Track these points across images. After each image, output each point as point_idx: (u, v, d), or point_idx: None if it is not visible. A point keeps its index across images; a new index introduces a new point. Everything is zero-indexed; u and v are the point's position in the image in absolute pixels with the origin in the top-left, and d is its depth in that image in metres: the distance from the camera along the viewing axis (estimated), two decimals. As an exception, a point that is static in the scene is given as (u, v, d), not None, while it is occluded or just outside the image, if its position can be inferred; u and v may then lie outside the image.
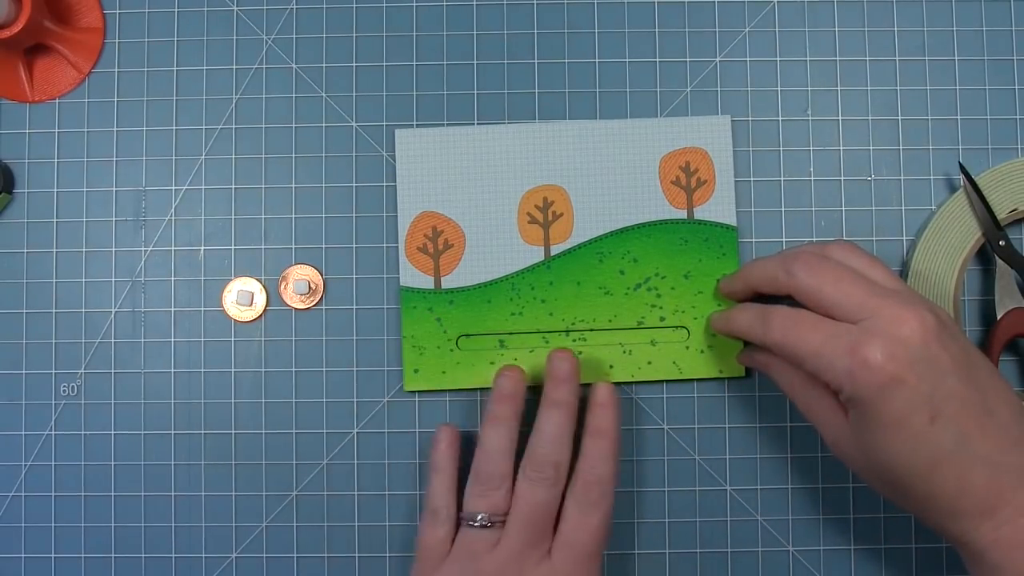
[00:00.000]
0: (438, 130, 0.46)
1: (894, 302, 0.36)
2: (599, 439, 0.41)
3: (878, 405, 0.35)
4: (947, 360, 0.35)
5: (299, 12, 0.47)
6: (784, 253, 0.40)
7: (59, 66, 0.46)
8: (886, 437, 0.35)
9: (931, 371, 0.35)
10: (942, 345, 0.35)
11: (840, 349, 0.36)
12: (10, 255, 0.46)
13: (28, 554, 0.45)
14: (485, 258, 0.45)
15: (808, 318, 0.37)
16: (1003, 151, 0.46)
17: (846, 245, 0.39)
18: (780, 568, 0.45)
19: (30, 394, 0.46)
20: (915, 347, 0.35)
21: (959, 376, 0.35)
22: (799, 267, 0.38)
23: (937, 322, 0.35)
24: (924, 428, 0.35)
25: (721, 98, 0.46)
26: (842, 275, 0.37)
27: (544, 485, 0.40)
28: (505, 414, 0.42)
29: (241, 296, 0.45)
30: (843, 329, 0.36)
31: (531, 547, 0.39)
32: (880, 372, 0.34)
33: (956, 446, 0.35)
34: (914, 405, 0.34)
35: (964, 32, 0.46)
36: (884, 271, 0.38)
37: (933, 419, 0.35)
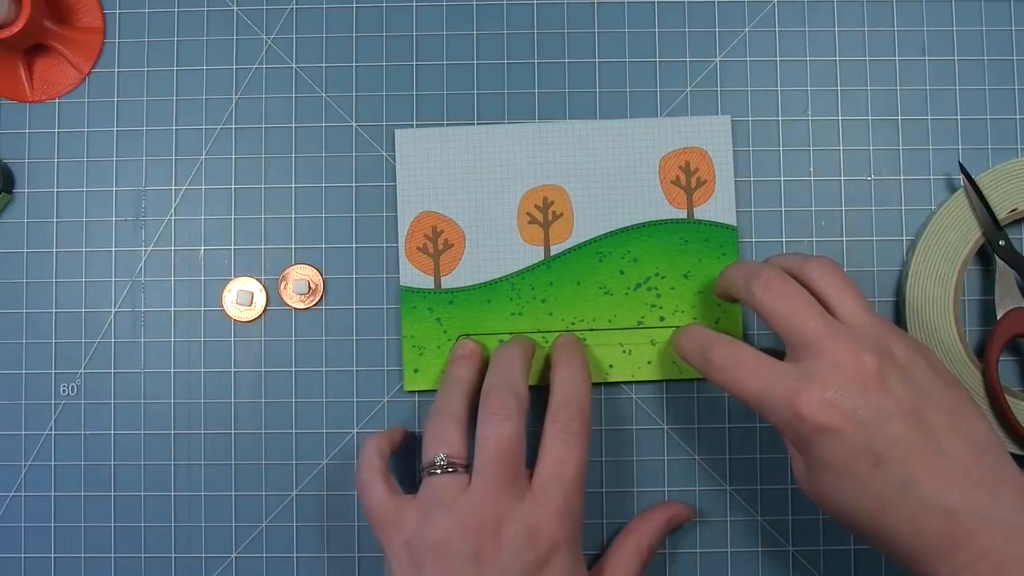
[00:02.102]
0: (438, 130, 0.46)
1: (842, 343, 0.35)
2: (569, 367, 0.40)
3: (819, 452, 0.34)
4: (891, 405, 0.34)
5: (299, 12, 0.47)
6: (753, 266, 0.39)
7: (59, 66, 0.46)
8: (832, 481, 0.35)
9: (872, 418, 0.34)
10: (886, 390, 0.34)
11: (777, 398, 0.35)
12: (10, 255, 0.46)
13: (28, 554, 0.45)
14: (485, 258, 0.45)
15: (748, 359, 0.37)
16: (1003, 151, 0.46)
17: (825, 265, 0.38)
18: (780, 568, 0.45)
19: (30, 394, 0.46)
20: (853, 396, 0.34)
21: (906, 420, 0.34)
22: (757, 287, 0.37)
23: (880, 365, 0.34)
24: (867, 474, 0.34)
25: (721, 98, 0.46)
26: (797, 305, 0.36)
27: (508, 417, 0.38)
28: (459, 375, 0.41)
29: (241, 296, 0.45)
30: (782, 374, 0.35)
31: (506, 485, 0.37)
32: (815, 422, 0.34)
33: (904, 491, 0.34)
34: (853, 453, 0.34)
35: (964, 32, 0.46)
36: (853, 299, 0.37)
37: (876, 464, 0.34)
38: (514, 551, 0.36)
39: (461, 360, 0.43)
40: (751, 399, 0.36)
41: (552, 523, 0.37)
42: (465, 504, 0.37)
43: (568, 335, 0.44)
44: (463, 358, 0.43)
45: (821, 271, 0.38)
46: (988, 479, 0.34)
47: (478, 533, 0.36)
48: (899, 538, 0.34)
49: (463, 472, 0.38)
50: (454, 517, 0.37)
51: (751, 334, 0.45)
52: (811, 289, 0.37)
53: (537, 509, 0.37)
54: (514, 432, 0.38)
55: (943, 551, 0.33)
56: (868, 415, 0.34)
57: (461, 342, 0.44)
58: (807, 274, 0.38)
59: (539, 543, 0.37)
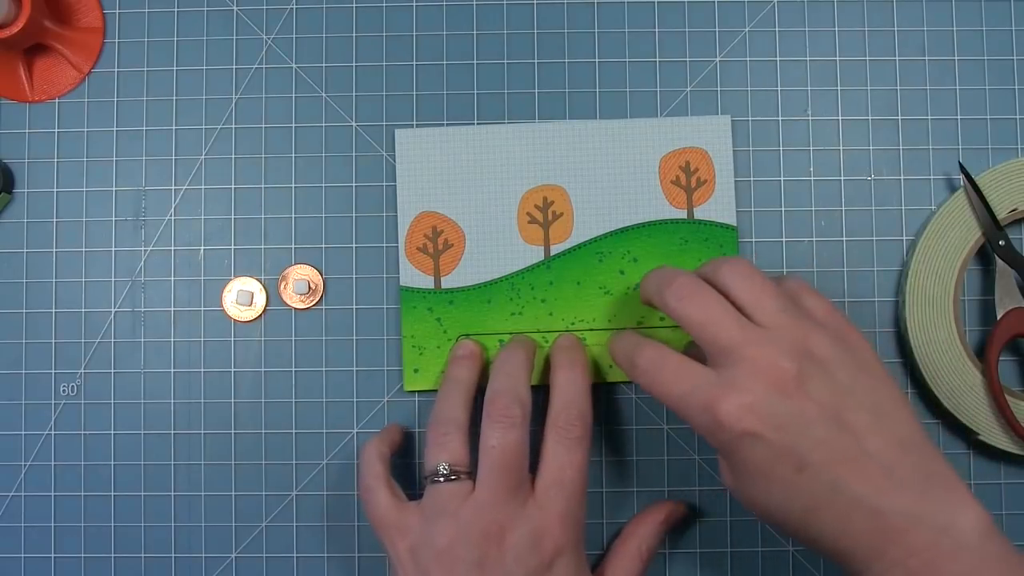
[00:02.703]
0: (438, 130, 0.46)
1: (758, 349, 0.35)
2: (569, 370, 0.40)
3: (741, 457, 0.34)
4: (811, 408, 0.34)
5: (299, 12, 0.47)
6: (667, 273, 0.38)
7: (59, 66, 0.46)
8: (757, 485, 0.35)
9: (792, 423, 0.34)
10: (805, 394, 0.34)
11: (697, 405, 0.35)
12: (10, 255, 0.46)
13: (28, 554, 0.45)
14: (485, 258, 0.45)
15: (671, 363, 0.37)
16: (1003, 151, 0.46)
17: (738, 266, 0.37)
18: (780, 568, 0.45)
19: (30, 394, 0.46)
20: (772, 401, 0.34)
21: (826, 423, 0.34)
22: (670, 295, 0.37)
23: (799, 369, 0.34)
24: (791, 478, 0.34)
25: (721, 98, 0.46)
26: (712, 312, 0.36)
27: (512, 425, 0.38)
28: (459, 376, 0.41)
29: (241, 296, 0.45)
30: (703, 380, 0.35)
31: (510, 492, 0.37)
32: (734, 429, 0.34)
33: (831, 491, 0.33)
34: (776, 457, 0.34)
35: (964, 32, 0.46)
36: (770, 299, 0.36)
37: (800, 469, 0.34)
38: (518, 557, 0.37)
39: (461, 361, 0.43)
40: (673, 403, 0.36)
41: (555, 528, 0.37)
42: (469, 512, 0.37)
43: (568, 336, 0.44)
44: (463, 359, 0.43)
45: (734, 273, 0.37)
46: (915, 477, 0.34)
47: (482, 540, 0.37)
48: (828, 538, 0.34)
49: (466, 479, 0.38)
50: (458, 525, 0.37)
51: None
52: (726, 293, 0.37)
53: (540, 514, 0.37)
54: (518, 440, 0.38)
55: (874, 549, 0.33)
56: (788, 420, 0.34)
57: (461, 342, 0.44)
58: (720, 278, 0.37)
59: (543, 548, 0.37)
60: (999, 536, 0.33)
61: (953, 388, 0.44)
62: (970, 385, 0.44)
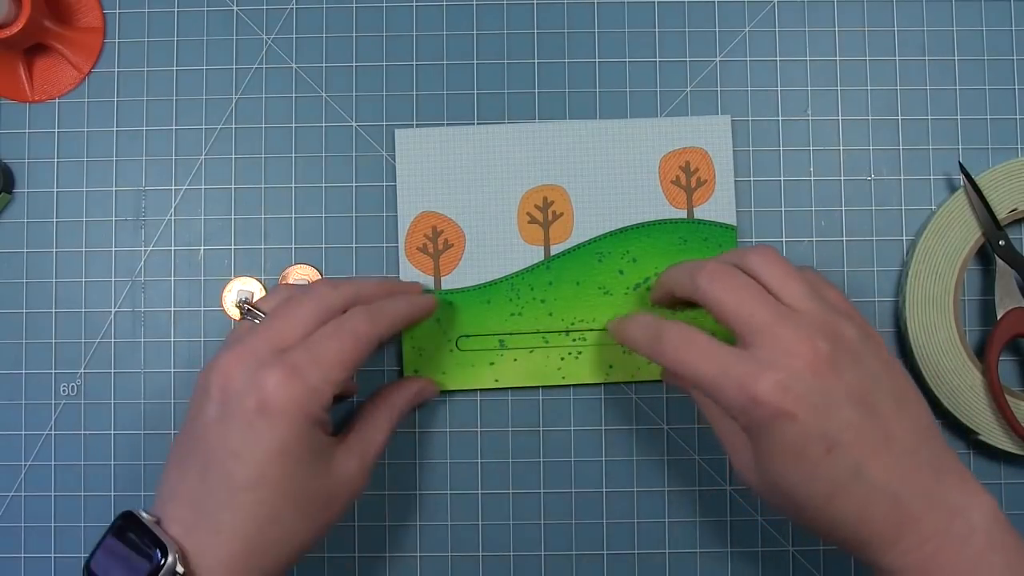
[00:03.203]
0: (438, 130, 0.46)
1: (792, 329, 0.35)
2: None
3: (772, 438, 0.34)
4: (842, 390, 0.34)
5: (299, 12, 0.47)
6: (696, 261, 0.39)
7: (59, 66, 0.46)
8: (784, 467, 0.35)
9: (825, 403, 0.34)
10: (838, 375, 0.34)
11: (731, 384, 0.35)
12: (10, 255, 0.46)
13: (28, 554, 0.45)
14: (485, 258, 0.45)
15: (700, 342, 0.36)
16: (1003, 151, 0.46)
17: (766, 253, 0.38)
18: (780, 568, 0.45)
19: (30, 394, 0.46)
20: (807, 380, 0.34)
21: (855, 406, 0.34)
22: (703, 278, 0.37)
23: (833, 350, 0.34)
24: (820, 459, 0.34)
25: (721, 98, 0.46)
26: (744, 293, 0.36)
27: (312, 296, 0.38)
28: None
29: (241, 296, 0.45)
30: (735, 359, 0.35)
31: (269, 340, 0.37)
32: (770, 408, 0.34)
33: (854, 476, 0.34)
34: (808, 438, 0.34)
35: (964, 32, 0.46)
36: (798, 286, 0.36)
37: (829, 450, 0.34)
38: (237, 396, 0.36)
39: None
40: (704, 382, 0.36)
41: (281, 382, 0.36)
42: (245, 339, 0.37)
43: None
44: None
45: (762, 260, 0.37)
46: (932, 463, 0.35)
47: (217, 371, 0.36)
48: (847, 524, 0.34)
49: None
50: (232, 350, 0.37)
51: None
52: (754, 278, 0.37)
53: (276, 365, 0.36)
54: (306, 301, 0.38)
55: (890, 535, 0.34)
56: (822, 400, 0.34)
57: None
58: (748, 265, 0.38)
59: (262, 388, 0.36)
60: (1007, 523, 0.34)
61: (953, 388, 0.44)
62: (970, 385, 0.44)
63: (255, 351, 0.36)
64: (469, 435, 0.45)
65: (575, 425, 0.45)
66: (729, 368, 0.35)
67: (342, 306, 0.39)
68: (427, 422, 0.45)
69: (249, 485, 0.35)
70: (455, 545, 0.45)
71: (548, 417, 0.45)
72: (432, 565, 0.45)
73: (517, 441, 0.45)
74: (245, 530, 0.35)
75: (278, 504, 0.36)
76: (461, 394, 0.45)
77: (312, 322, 0.38)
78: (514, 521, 0.45)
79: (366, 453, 0.39)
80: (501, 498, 0.45)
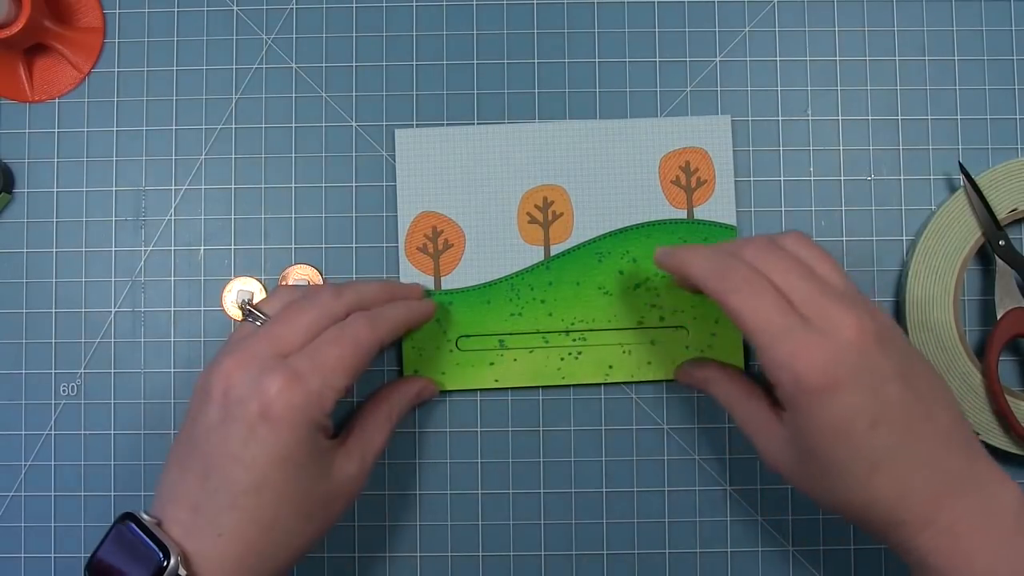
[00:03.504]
0: (438, 130, 0.46)
1: (839, 304, 0.35)
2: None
3: (818, 410, 0.34)
4: (888, 367, 0.35)
5: (299, 12, 0.47)
6: (733, 240, 0.39)
7: (59, 66, 0.46)
8: (825, 442, 0.35)
9: (872, 378, 0.34)
10: (883, 351, 0.35)
11: (785, 350, 0.35)
12: (10, 255, 0.46)
13: (28, 554, 0.45)
14: (485, 258, 0.45)
15: (769, 296, 0.35)
16: (1003, 151, 0.46)
17: (799, 237, 0.38)
18: (780, 568, 0.45)
19: (30, 394, 0.46)
20: (856, 353, 0.34)
21: (899, 383, 0.35)
22: (749, 252, 0.37)
23: (878, 328, 0.35)
24: (864, 433, 0.34)
25: (721, 98, 0.46)
26: (790, 268, 0.36)
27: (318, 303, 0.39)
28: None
29: (241, 296, 0.45)
30: (795, 323, 0.35)
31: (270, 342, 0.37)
32: (822, 377, 0.34)
33: (896, 452, 0.34)
34: (855, 411, 0.34)
35: (964, 32, 0.46)
36: (833, 268, 0.37)
37: (873, 425, 0.34)
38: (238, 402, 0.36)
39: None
40: (760, 336, 0.35)
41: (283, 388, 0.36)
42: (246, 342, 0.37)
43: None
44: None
45: (795, 244, 0.38)
46: (965, 445, 0.36)
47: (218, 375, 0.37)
48: (884, 502, 0.35)
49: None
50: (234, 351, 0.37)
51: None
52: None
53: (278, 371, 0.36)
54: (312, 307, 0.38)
55: (926, 514, 0.34)
56: (870, 375, 0.34)
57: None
58: (784, 247, 0.38)
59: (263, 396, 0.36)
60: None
61: (953, 388, 0.44)
62: (970, 385, 0.44)
63: (257, 355, 0.37)
64: (469, 435, 0.45)
65: (575, 425, 0.45)
66: (787, 333, 0.35)
67: (344, 312, 0.39)
68: (427, 422, 0.45)
69: (250, 489, 0.35)
70: (455, 545, 0.45)
71: (548, 417, 0.45)
72: (432, 565, 0.45)
73: (517, 441, 0.45)
74: (246, 533, 0.35)
75: (279, 508, 0.36)
76: (461, 394, 0.45)
77: (314, 329, 0.38)
78: (514, 521, 0.45)
79: (366, 455, 0.40)
80: (501, 498, 0.45)
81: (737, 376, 0.41)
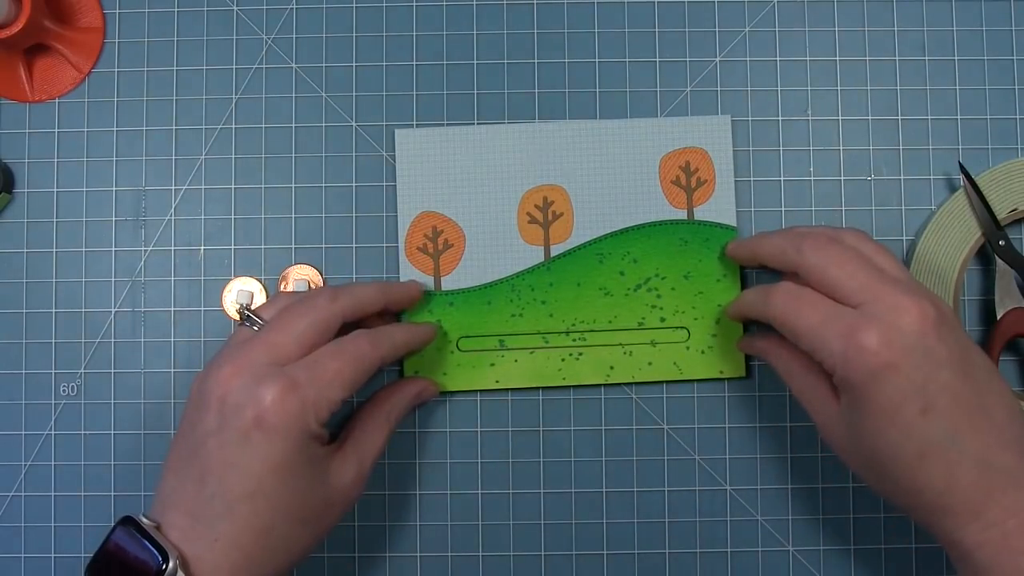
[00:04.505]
0: (438, 130, 0.46)
1: (897, 290, 0.36)
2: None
3: (869, 391, 0.35)
4: (944, 353, 0.35)
5: (299, 12, 0.47)
6: (796, 229, 0.40)
7: (59, 66, 0.46)
8: (876, 424, 0.35)
9: (926, 362, 0.34)
10: (940, 338, 0.35)
11: (836, 330, 0.35)
12: (10, 255, 0.46)
13: (28, 554, 0.45)
14: (485, 258, 0.45)
15: (809, 295, 0.37)
16: (1003, 151, 0.46)
17: (859, 233, 0.39)
18: (780, 568, 0.45)
19: (30, 394, 0.46)
20: (912, 336, 0.35)
21: (955, 371, 0.35)
22: (808, 245, 0.38)
23: (937, 314, 0.35)
24: (915, 418, 0.34)
25: (721, 98, 0.46)
26: (849, 258, 0.37)
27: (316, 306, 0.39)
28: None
29: (241, 296, 0.45)
30: (842, 310, 0.36)
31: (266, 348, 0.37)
32: (874, 357, 0.34)
33: (946, 440, 0.34)
34: (906, 394, 0.34)
35: (964, 32, 0.46)
36: (892, 260, 0.38)
37: (924, 411, 0.34)
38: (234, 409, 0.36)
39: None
40: (808, 329, 0.37)
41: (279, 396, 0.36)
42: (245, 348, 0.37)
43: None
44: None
45: (856, 239, 0.39)
46: (1019, 440, 0.35)
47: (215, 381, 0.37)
48: (930, 490, 0.35)
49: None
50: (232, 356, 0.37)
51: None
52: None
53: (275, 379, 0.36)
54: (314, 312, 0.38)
55: (975, 506, 0.34)
56: (923, 359, 0.34)
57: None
58: (844, 242, 0.38)
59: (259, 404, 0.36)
60: None
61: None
62: (970, 385, 0.44)
63: (253, 363, 0.37)
64: (469, 435, 0.45)
65: (575, 425, 0.45)
66: (835, 319, 0.36)
67: (340, 317, 0.39)
68: (427, 422, 0.45)
69: (245, 496, 0.35)
70: (455, 545, 0.45)
71: (548, 417, 0.45)
72: (432, 565, 0.45)
73: (517, 441, 0.45)
74: (242, 539, 0.35)
75: (275, 515, 0.36)
76: (461, 394, 0.45)
77: (310, 334, 0.38)
78: (514, 521, 0.45)
79: (363, 460, 0.40)
80: (501, 498, 0.45)
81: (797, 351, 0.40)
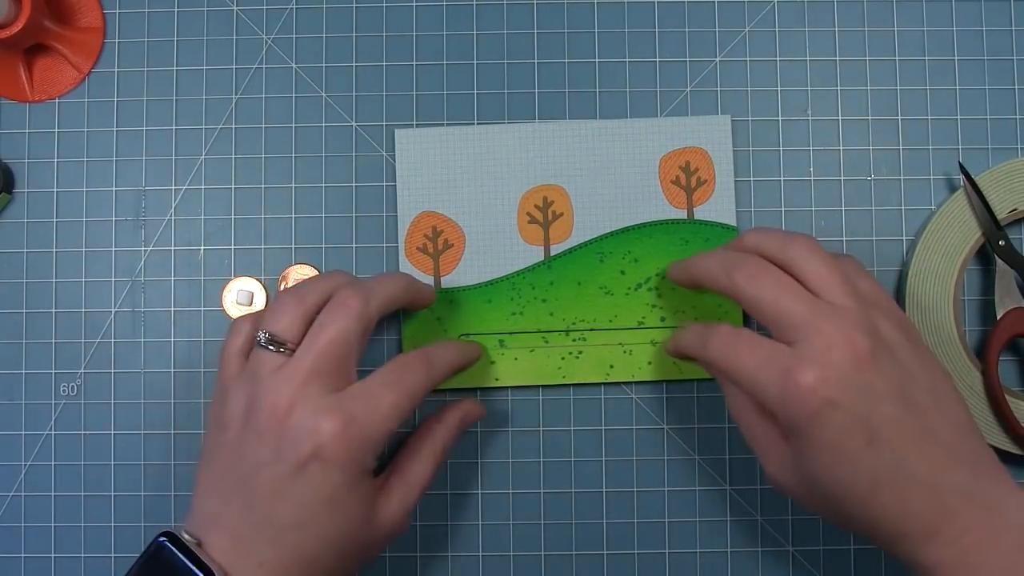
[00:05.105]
0: (438, 130, 0.46)
1: (832, 324, 0.35)
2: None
3: (814, 429, 0.35)
4: (881, 385, 0.34)
5: (299, 12, 0.47)
6: (730, 253, 0.39)
7: (59, 66, 0.46)
8: (824, 460, 0.35)
9: (864, 397, 0.34)
10: (876, 370, 0.35)
11: (773, 372, 0.35)
12: (10, 255, 0.46)
13: (28, 554, 0.45)
14: (485, 258, 0.45)
15: (745, 339, 0.37)
16: (1003, 151, 0.46)
17: (808, 244, 0.37)
18: (780, 568, 0.45)
19: (30, 394, 0.46)
20: (848, 371, 0.34)
21: (894, 400, 0.34)
22: (740, 275, 0.37)
23: (872, 344, 0.35)
24: (860, 451, 0.34)
25: (721, 98, 0.46)
26: (782, 290, 0.36)
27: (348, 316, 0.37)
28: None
29: (241, 296, 0.45)
30: (778, 351, 0.36)
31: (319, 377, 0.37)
32: (812, 396, 0.34)
33: (894, 469, 0.34)
34: (849, 429, 0.34)
35: (964, 32, 0.46)
36: (837, 280, 0.36)
37: (869, 442, 0.34)
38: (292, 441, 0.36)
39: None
40: (746, 376, 0.36)
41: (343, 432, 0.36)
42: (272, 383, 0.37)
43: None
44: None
45: (802, 251, 0.37)
46: (970, 458, 0.35)
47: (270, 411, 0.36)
48: (887, 519, 0.35)
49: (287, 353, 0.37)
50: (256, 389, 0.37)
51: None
52: (793, 271, 0.37)
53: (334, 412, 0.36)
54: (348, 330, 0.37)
55: (929, 529, 0.34)
56: (862, 393, 0.34)
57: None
58: (789, 255, 0.38)
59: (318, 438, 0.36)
60: None
61: (953, 388, 0.44)
62: (970, 385, 0.44)
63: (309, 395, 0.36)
64: (469, 435, 0.45)
65: (575, 425, 0.45)
66: (771, 361, 0.36)
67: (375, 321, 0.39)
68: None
69: (295, 526, 0.36)
70: (455, 545, 0.45)
71: (548, 417, 0.45)
72: (432, 565, 0.45)
73: (517, 441, 0.45)
74: (287, 566, 0.36)
75: (321, 545, 0.36)
76: (461, 394, 0.45)
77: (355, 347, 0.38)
78: (514, 521, 0.45)
79: (409, 495, 0.40)
80: (501, 498, 0.45)
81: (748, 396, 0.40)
